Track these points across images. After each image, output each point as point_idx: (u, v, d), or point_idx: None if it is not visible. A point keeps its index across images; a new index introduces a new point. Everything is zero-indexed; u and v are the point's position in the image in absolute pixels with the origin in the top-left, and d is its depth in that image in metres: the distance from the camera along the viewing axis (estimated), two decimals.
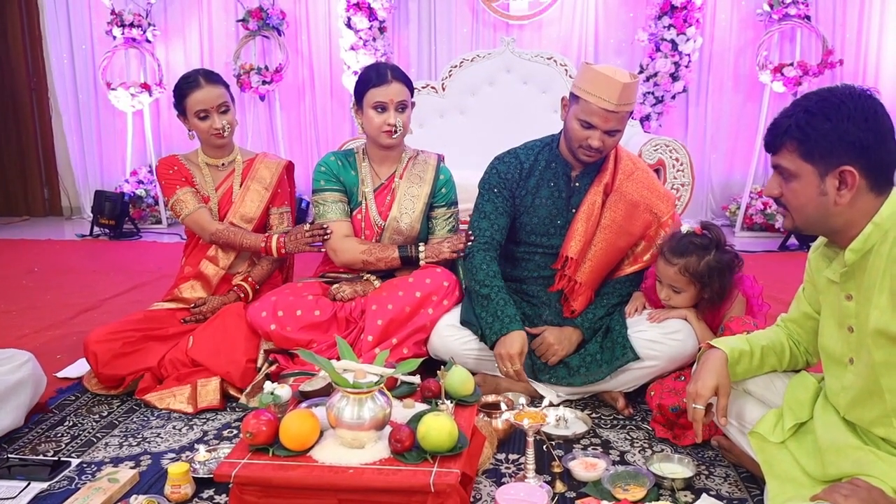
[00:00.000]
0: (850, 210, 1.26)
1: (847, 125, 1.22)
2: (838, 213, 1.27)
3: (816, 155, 1.25)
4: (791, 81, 4.52)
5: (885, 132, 1.24)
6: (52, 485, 1.66)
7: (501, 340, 1.98)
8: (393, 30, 5.02)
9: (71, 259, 4.36)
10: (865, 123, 1.22)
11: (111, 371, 2.13)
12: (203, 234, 2.40)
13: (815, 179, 1.27)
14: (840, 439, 1.35)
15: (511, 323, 2.00)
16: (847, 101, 1.23)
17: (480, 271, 2.11)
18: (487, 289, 2.07)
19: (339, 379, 1.36)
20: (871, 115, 1.22)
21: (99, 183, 5.54)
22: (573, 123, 2.02)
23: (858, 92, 1.25)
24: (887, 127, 1.24)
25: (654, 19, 4.59)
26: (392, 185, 2.35)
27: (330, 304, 2.23)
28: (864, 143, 1.22)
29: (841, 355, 1.37)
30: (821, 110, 1.24)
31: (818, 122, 1.24)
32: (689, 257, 1.93)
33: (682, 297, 2.00)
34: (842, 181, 1.25)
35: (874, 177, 1.25)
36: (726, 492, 1.61)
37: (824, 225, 1.31)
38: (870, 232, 1.25)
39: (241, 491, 1.33)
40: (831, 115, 1.23)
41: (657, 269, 2.02)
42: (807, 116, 1.25)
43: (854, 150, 1.23)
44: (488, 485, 1.63)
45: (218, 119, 2.34)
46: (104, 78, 5.18)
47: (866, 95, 1.25)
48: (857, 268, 1.29)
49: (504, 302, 2.04)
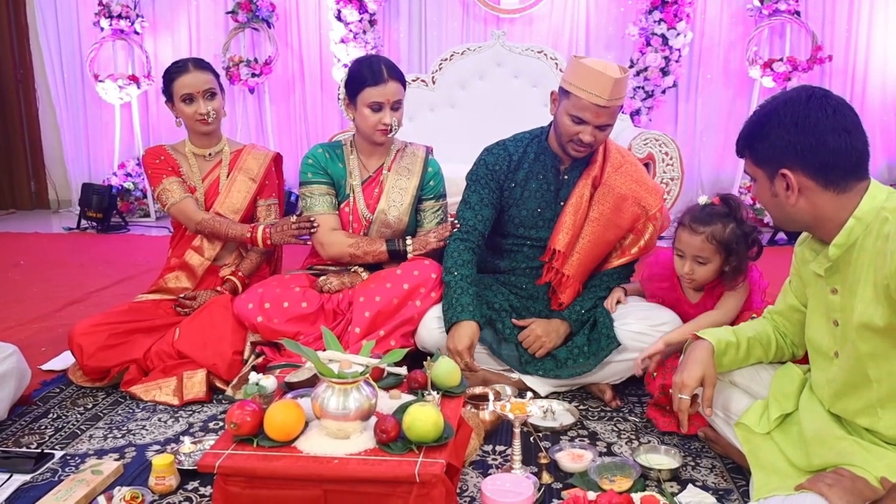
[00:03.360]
0: (810, 208, 1.29)
1: (779, 131, 1.28)
2: (799, 211, 1.30)
3: (761, 160, 1.32)
4: (780, 77, 4.53)
5: (824, 133, 1.24)
6: (35, 477, 1.65)
7: (451, 332, 1.98)
8: (383, 23, 4.99)
9: (58, 252, 4.32)
10: (796, 129, 1.26)
11: (96, 363, 2.11)
12: (189, 223, 2.38)
13: (766, 183, 1.33)
14: (824, 430, 1.36)
15: (462, 312, 1.99)
16: (781, 108, 1.29)
17: (450, 258, 2.11)
18: (450, 276, 2.07)
19: (323, 369, 1.35)
20: (804, 119, 1.25)
21: (86, 176, 5.50)
22: (564, 118, 2.01)
23: (798, 96, 1.28)
24: (828, 127, 1.24)
25: (645, 14, 4.59)
26: (380, 177, 2.34)
27: (317, 295, 2.22)
28: (796, 147, 1.26)
29: (827, 348, 1.38)
30: (759, 118, 1.32)
31: (756, 129, 1.32)
32: (715, 225, 1.87)
33: (706, 270, 1.90)
34: (787, 183, 1.29)
35: (822, 176, 1.26)
36: (712, 482, 1.61)
37: (794, 222, 1.34)
38: (852, 226, 1.26)
39: (225, 482, 1.32)
40: (765, 122, 1.30)
41: (679, 242, 1.92)
42: (749, 126, 1.34)
43: (788, 154, 1.27)
44: (475, 476, 1.63)
45: (203, 104, 2.32)
46: (92, 70, 5.14)
47: (806, 99, 1.27)
48: (841, 262, 1.30)
49: (461, 290, 2.03)
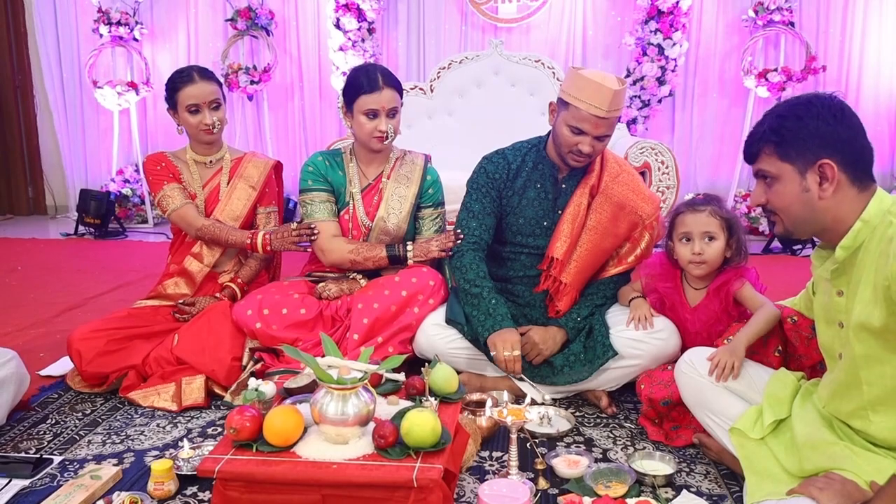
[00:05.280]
0: (835, 206, 1.29)
1: (818, 122, 1.28)
2: (824, 210, 1.30)
3: (794, 153, 1.30)
4: (775, 87, 4.57)
5: (856, 127, 1.29)
6: (33, 482, 1.65)
7: (497, 339, 1.99)
8: (382, 31, 5.03)
9: (55, 258, 4.32)
10: (835, 119, 1.27)
11: (95, 369, 2.12)
12: (189, 229, 2.39)
13: (796, 177, 1.31)
14: (816, 435, 1.38)
15: (504, 320, 2.02)
16: (815, 101, 1.29)
17: (471, 270, 2.12)
18: (478, 288, 2.09)
19: (322, 375, 1.36)
20: (839, 111, 1.28)
21: (84, 182, 5.51)
22: (563, 129, 2.03)
23: (824, 94, 1.31)
24: (857, 123, 1.29)
25: (641, 24, 4.63)
26: (379, 185, 2.35)
27: (316, 302, 2.24)
28: (838, 137, 1.27)
29: (833, 351, 1.40)
30: (791, 112, 1.30)
31: (791, 123, 1.30)
32: (714, 204, 1.94)
33: (715, 248, 1.91)
34: (822, 175, 1.29)
35: (853, 170, 1.28)
36: (706, 488, 1.63)
37: (814, 223, 1.33)
38: (859, 228, 1.28)
39: (225, 486, 1.33)
40: (802, 115, 1.29)
41: (683, 226, 1.94)
42: (779, 120, 1.31)
43: (829, 144, 1.28)
44: (472, 482, 1.64)
45: (209, 115, 2.34)
46: (90, 76, 5.15)
47: (832, 96, 1.31)
48: (847, 264, 1.31)
49: (496, 301, 2.06)
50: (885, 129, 4.88)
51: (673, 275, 2.03)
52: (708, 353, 1.72)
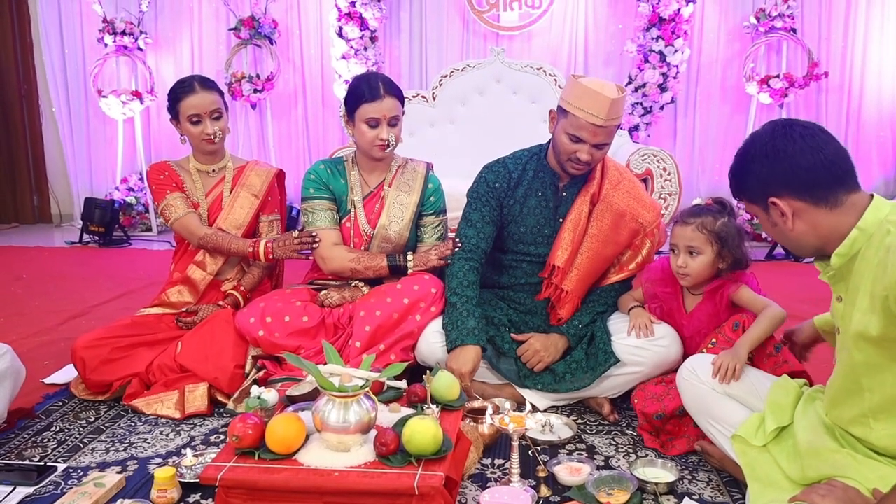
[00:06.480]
0: (810, 230, 1.31)
1: (753, 165, 1.35)
2: (800, 236, 1.33)
3: (750, 196, 1.38)
4: (777, 93, 4.58)
5: (794, 156, 1.29)
6: (37, 489, 1.66)
7: (455, 353, 2.00)
8: (384, 39, 5.05)
9: (60, 266, 4.34)
10: (768, 158, 1.32)
11: (99, 377, 2.13)
12: (192, 238, 2.41)
13: (763, 215, 1.38)
14: (818, 443, 1.38)
15: (468, 336, 2.01)
16: (751, 147, 1.36)
17: (455, 279, 2.13)
18: (456, 297, 2.10)
19: (324, 382, 1.37)
20: (771, 149, 1.31)
21: (89, 190, 5.54)
22: (562, 137, 2.04)
23: (762, 131, 1.36)
24: (799, 147, 1.29)
25: (643, 31, 4.64)
26: (381, 193, 2.36)
27: (318, 310, 2.24)
28: (775, 174, 1.31)
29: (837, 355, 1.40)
30: (736, 162, 1.40)
31: (736, 170, 1.39)
32: (705, 217, 1.92)
33: (699, 262, 1.90)
34: (780, 210, 1.32)
35: (810, 195, 1.29)
36: (709, 496, 1.63)
37: (803, 247, 1.36)
38: (855, 237, 1.28)
39: (227, 494, 1.34)
40: (744, 160, 1.37)
41: (672, 237, 1.95)
42: (732, 171, 1.41)
43: (768, 182, 1.32)
44: (474, 489, 1.64)
45: (210, 124, 2.36)
46: (95, 85, 5.19)
47: (770, 131, 1.34)
48: (845, 271, 1.32)
49: (467, 313, 2.05)
50: (888, 134, 4.88)
51: (673, 280, 2.03)
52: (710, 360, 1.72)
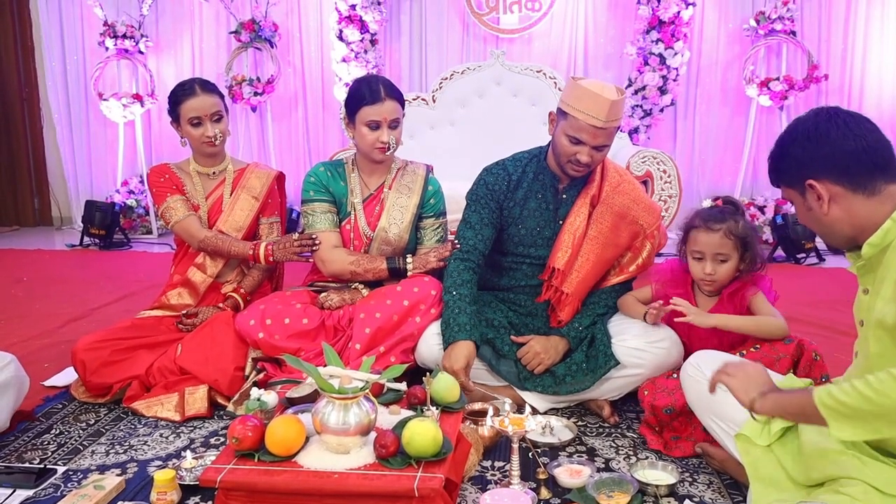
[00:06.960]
0: (845, 216, 1.32)
1: (794, 148, 1.36)
2: (834, 222, 1.33)
3: (788, 180, 1.39)
4: (777, 95, 4.58)
5: (838, 139, 1.31)
6: (37, 492, 1.66)
7: (448, 351, 2.01)
8: (384, 42, 5.06)
9: (60, 269, 4.34)
10: (808, 140, 1.34)
11: (99, 379, 2.13)
12: (192, 241, 2.41)
13: (799, 199, 1.38)
14: (823, 443, 1.37)
15: (459, 332, 2.02)
16: (793, 130, 1.39)
17: (449, 278, 2.14)
18: (448, 295, 2.11)
19: (324, 384, 1.37)
20: (814, 132, 1.33)
21: (90, 193, 5.54)
22: (561, 139, 2.04)
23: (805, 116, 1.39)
24: (840, 133, 1.31)
25: (643, 33, 4.65)
26: (381, 195, 2.37)
27: (318, 312, 2.25)
28: (814, 157, 1.33)
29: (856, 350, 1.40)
30: (777, 145, 1.42)
31: (777, 155, 1.41)
32: (729, 221, 1.90)
33: (726, 268, 1.91)
34: (816, 194, 1.33)
35: (848, 180, 1.30)
36: (709, 498, 1.62)
37: (834, 235, 1.37)
38: (888, 227, 1.28)
39: (227, 496, 1.33)
40: (783, 145, 1.40)
41: (696, 244, 1.93)
42: (771, 154, 1.43)
43: (807, 165, 1.34)
44: (474, 491, 1.64)
45: (210, 127, 2.36)
46: (96, 88, 5.20)
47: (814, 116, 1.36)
48: (875, 262, 1.32)
49: (459, 310, 2.06)
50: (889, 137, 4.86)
51: (684, 281, 2.04)
52: (716, 357, 1.72)
